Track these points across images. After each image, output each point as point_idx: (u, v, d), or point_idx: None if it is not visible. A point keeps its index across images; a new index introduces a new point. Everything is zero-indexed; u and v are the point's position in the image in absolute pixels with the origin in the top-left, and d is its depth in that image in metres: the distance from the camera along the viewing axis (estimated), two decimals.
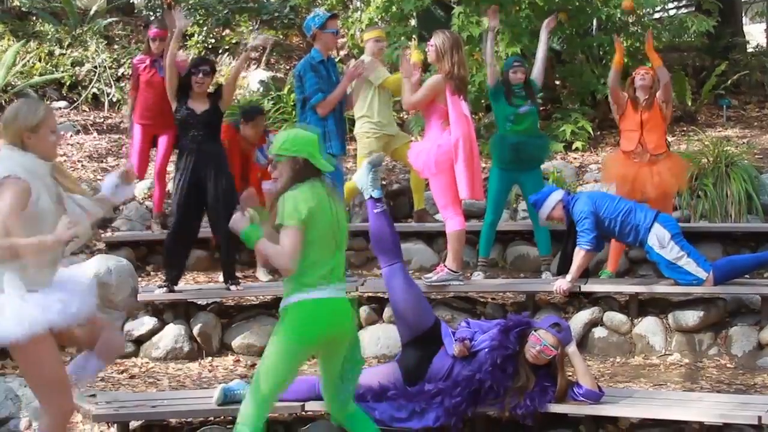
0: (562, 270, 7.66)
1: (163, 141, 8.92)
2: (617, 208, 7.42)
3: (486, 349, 5.86)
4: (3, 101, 12.16)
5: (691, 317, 7.45)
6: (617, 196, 7.62)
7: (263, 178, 8.36)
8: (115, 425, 5.91)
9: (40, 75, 12.76)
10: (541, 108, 11.37)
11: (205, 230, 7.91)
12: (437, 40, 7.45)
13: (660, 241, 7.32)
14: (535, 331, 5.85)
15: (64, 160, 10.65)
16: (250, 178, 8.44)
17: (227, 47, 13.88)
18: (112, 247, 8.77)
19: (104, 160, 10.82)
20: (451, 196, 7.45)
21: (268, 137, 8.48)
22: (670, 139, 10.74)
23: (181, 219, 7.65)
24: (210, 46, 13.94)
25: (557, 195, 7.60)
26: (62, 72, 12.90)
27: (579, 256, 7.40)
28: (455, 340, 5.93)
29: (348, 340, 5.00)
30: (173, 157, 8.46)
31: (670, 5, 15.46)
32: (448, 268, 7.52)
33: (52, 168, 4.64)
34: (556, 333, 5.81)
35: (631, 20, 11.83)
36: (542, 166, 9.04)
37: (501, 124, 8.14)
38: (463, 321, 6.30)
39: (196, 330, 7.62)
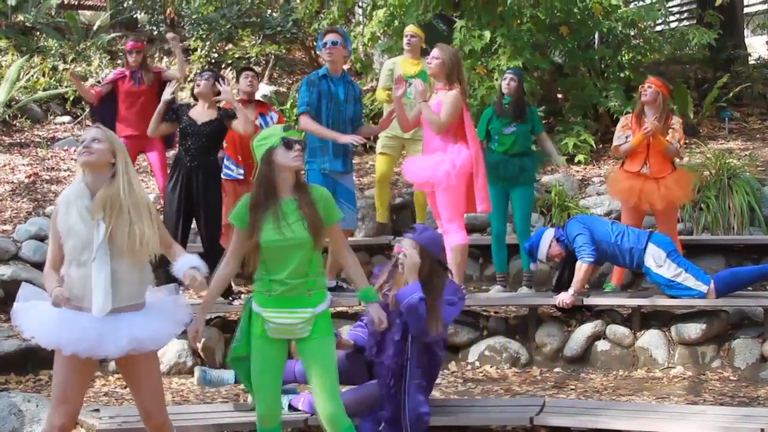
0: (559, 289, 7.67)
1: (154, 157, 8.97)
2: (610, 231, 7.45)
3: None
4: (7, 116, 12.22)
5: (693, 330, 7.46)
6: (608, 221, 7.64)
7: None
8: None
9: (44, 90, 12.81)
10: (543, 121, 11.42)
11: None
12: (444, 54, 7.44)
13: (656, 260, 7.34)
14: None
15: (68, 175, 10.69)
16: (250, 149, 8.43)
17: (230, 62, 13.93)
18: None
19: None
20: (459, 209, 7.48)
21: (270, 111, 8.47)
22: None
23: (173, 233, 7.61)
24: (213, 61, 13.98)
25: (549, 233, 7.65)
26: (66, 87, 12.95)
27: (582, 270, 7.40)
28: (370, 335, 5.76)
29: None
30: None
31: (672, 18, 15.47)
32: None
33: (89, 195, 4.67)
34: (412, 236, 5.68)
35: (632, 33, 11.87)
36: (545, 180, 9.09)
37: (491, 141, 8.20)
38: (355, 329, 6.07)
39: (199, 345, 7.63)
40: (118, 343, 4.60)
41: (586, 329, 7.67)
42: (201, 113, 7.76)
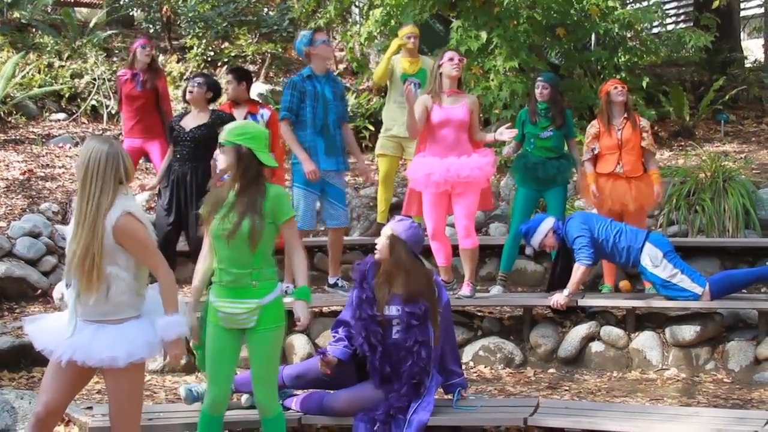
0: (552, 288, 7.66)
1: (155, 155, 8.95)
2: (609, 229, 7.44)
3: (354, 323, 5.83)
4: (2, 113, 12.19)
5: (688, 332, 7.46)
6: (608, 218, 7.63)
7: None
8: None
9: (40, 87, 12.78)
10: None
11: None
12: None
13: (653, 260, 7.33)
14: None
15: (63, 172, 10.67)
16: None
17: (226, 60, 13.92)
18: None
19: None
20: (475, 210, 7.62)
21: (262, 109, 8.47)
22: (667, 154, 10.81)
23: (162, 239, 7.55)
24: (209, 59, 13.97)
25: (548, 223, 7.61)
26: (61, 84, 12.93)
27: (579, 271, 7.40)
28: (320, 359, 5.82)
29: None
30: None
31: (669, 20, 15.48)
32: (473, 282, 7.67)
33: None
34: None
35: (629, 35, 11.87)
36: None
37: (526, 143, 8.17)
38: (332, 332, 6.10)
39: (192, 343, 7.60)
40: (64, 350, 4.65)
41: (581, 330, 7.67)
42: (192, 119, 7.73)
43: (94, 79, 12.98)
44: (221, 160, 5.15)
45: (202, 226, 5.18)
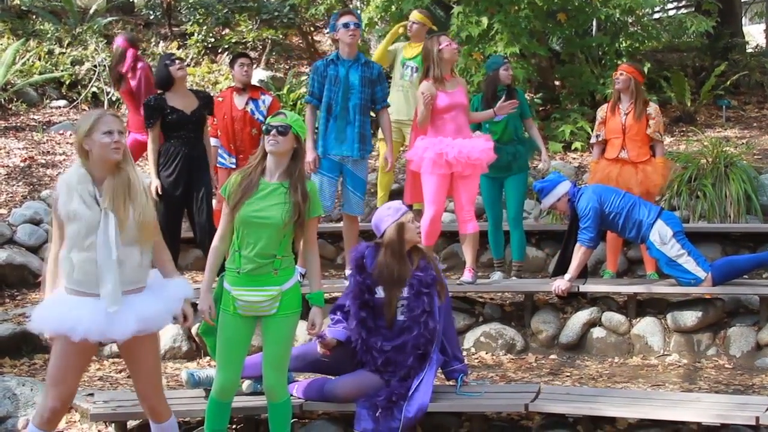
0: (559, 271, 7.65)
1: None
2: (622, 203, 7.41)
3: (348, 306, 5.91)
4: (2, 100, 12.18)
5: (689, 317, 7.45)
6: (622, 191, 7.58)
7: (260, 134, 8.24)
8: (113, 424, 5.90)
9: (40, 74, 12.77)
10: (540, 108, 11.43)
11: None
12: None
13: (662, 237, 7.32)
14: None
15: (63, 159, 10.66)
16: (243, 136, 8.38)
17: (227, 46, 13.89)
18: None
19: None
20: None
21: (263, 95, 8.42)
22: (668, 139, 10.78)
23: (167, 223, 7.52)
24: (210, 45, 13.94)
25: (564, 187, 7.57)
26: (62, 71, 12.91)
27: (580, 252, 7.39)
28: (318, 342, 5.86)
29: None
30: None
31: (670, 5, 15.46)
32: (474, 268, 7.65)
33: (91, 180, 4.73)
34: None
35: (630, 20, 11.84)
36: (542, 166, 9.06)
37: (482, 129, 8.12)
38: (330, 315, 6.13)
39: (194, 329, 7.61)
40: (126, 325, 4.69)
41: (582, 316, 7.66)
42: (183, 101, 7.71)
43: (95, 66, 12.96)
44: (281, 143, 5.17)
45: (233, 209, 5.16)
